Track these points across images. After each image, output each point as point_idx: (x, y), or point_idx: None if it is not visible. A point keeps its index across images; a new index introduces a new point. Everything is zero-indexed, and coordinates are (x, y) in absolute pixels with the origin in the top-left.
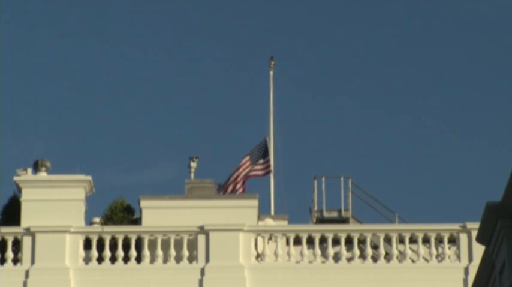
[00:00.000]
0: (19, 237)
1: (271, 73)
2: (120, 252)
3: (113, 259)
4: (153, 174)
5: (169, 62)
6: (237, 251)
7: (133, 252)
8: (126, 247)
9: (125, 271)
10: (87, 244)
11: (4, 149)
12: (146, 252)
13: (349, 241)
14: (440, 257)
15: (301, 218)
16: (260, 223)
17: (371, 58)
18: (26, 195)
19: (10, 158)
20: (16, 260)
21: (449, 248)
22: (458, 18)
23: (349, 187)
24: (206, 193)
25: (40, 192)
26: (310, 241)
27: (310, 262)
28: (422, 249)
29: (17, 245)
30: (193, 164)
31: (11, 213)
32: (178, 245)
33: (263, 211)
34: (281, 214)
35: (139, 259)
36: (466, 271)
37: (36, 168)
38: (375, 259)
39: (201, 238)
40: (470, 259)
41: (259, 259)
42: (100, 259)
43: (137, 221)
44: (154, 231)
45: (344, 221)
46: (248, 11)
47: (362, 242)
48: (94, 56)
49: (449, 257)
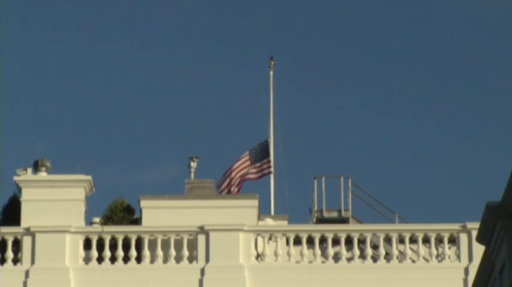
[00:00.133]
0: (19, 237)
1: (271, 73)
2: (120, 252)
3: (113, 259)
4: (153, 174)
5: (169, 62)
6: (237, 251)
7: (133, 252)
8: (126, 247)
9: (125, 271)
10: (87, 244)
11: (4, 149)
12: (146, 252)
13: (349, 241)
14: (440, 257)
15: (301, 218)
16: (260, 223)
17: (371, 58)
18: (26, 195)
19: (10, 158)
20: (16, 260)
21: (449, 248)
22: (458, 18)
23: (349, 187)
24: (206, 193)
25: (40, 192)
26: (310, 241)
27: (310, 262)
28: (422, 249)
29: (17, 245)
30: (193, 164)
31: (11, 213)
32: (178, 245)
33: (263, 211)
34: (281, 214)
35: (139, 259)
36: (466, 271)
37: (36, 168)
38: (375, 259)
39: (201, 238)
40: (470, 259)
41: (259, 259)
42: (100, 259)
43: (137, 221)
44: (154, 231)
45: (344, 221)
46: (248, 11)
47: (362, 242)
48: (94, 56)
49: (449, 257)
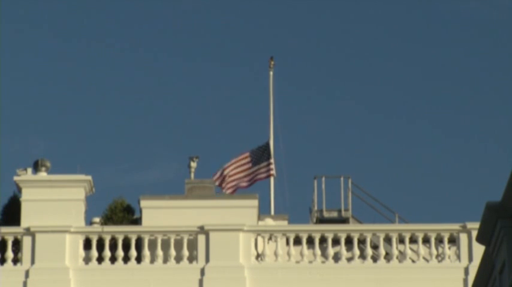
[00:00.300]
0: (19, 237)
1: (271, 73)
2: (120, 252)
3: (113, 259)
4: (153, 174)
5: (169, 62)
6: (237, 251)
7: (133, 252)
8: (126, 247)
9: (125, 271)
10: (87, 244)
11: (4, 149)
12: (146, 252)
13: (349, 241)
14: (440, 257)
15: (301, 218)
16: (260, 223)
17: (371, 58)
18: (26, 195)
19: (10, 158)
20: (16, 260)
21: (449, 248)
22: (458, 18)
23: (349, 187)
24: (206, 193)
25: (40, 192)
26: (310, 241)
27: (310, 262)
28: (422, 249)
29: (17, 245)
30: (193, 164)
31: (11, 213)
32: (178, 245)
33: (263, 211)
34: (281, 214)
35: (139, 259)
36: (466, 271)
37: (36, 168)
38: (375, 259)
39: (201, 238)
40: (470, 259)
41: (259, 259)
42: (100, 259)
43: (137, 221)
44: (154, 231)
45: (344, 221)
46: (248, 11)
47: (362, 242)
48: (94, 56)
49: (449, 257)
